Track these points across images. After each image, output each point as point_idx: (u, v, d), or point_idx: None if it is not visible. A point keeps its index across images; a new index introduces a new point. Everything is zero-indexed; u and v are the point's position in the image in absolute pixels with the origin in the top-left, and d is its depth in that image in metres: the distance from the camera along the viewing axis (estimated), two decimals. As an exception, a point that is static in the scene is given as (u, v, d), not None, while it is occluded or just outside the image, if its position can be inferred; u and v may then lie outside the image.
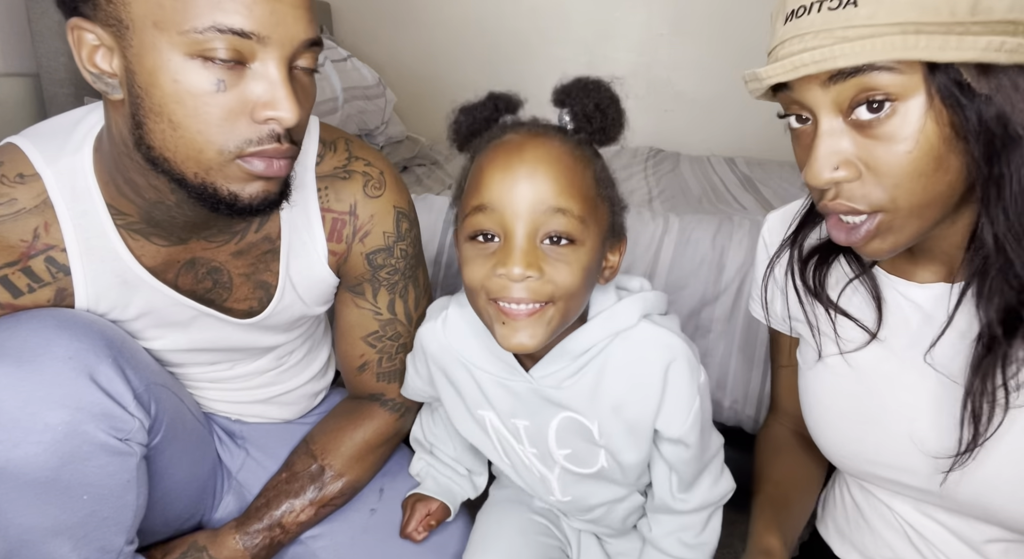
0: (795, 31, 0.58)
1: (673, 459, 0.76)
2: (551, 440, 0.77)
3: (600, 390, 0.73)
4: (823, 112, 0.59)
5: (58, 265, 0.75)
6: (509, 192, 0.64)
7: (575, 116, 0.69)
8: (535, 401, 0.76)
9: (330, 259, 0.88)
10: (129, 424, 0.71)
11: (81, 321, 0.72)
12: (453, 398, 0.84)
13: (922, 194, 0.58)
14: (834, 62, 0.54)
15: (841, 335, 0.75)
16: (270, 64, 0.64)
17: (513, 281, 0.64)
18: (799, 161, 0.64)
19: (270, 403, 1.00)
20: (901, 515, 0.77)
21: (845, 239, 0.62)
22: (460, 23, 2.65)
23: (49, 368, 0.66)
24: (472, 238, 0.67)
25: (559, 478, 0.81)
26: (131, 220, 0.76)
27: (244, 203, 0.69)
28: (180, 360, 0.88)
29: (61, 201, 0.74)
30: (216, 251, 0.82)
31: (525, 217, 0.64)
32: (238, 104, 0.64)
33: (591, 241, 0.67)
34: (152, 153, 0.66)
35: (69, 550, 0.71)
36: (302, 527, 0.91)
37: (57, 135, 0.76)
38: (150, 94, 0.64)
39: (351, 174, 0.87)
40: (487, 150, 0.68)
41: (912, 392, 0.71)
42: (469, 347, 0.78)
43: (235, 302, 0.85)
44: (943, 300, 0.68)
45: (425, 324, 0.84)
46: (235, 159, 0.66)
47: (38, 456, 0.65)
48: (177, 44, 0.61)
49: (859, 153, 0.58)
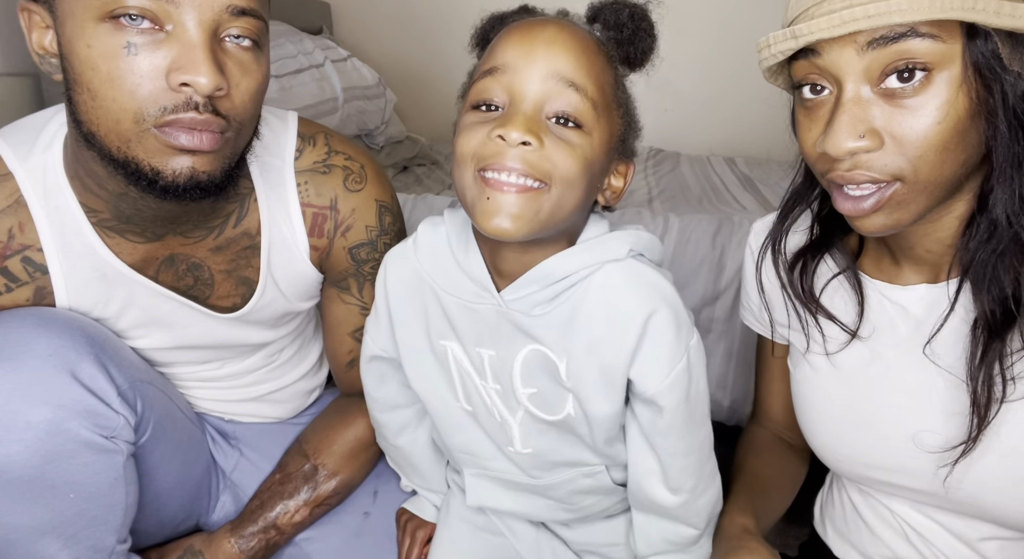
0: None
1: (648, 426, 0.68)
2: (516, 375, 0.69)
3: (574, 325, 0.66)
4: (851, 79, 0.57)
5: (35, 264, 0.74)
6: (524, 56, 0.59)
7: (606, 25, 0.65)
8: (503, 327, 0.68)
9: (312, 254, 0.87)
10: (114, 421, 0.70)
11: (62, 319, 0.71)
12: (414, 335, 0.75)
13: (940, 168, 0.57)
14: (890, 18, 0.52)
15: (826, 334, 0.75)
16: (186, 27, 0.61)
17: (509, 146, 0.57)
18: (805, 134, 0.62)
19: (262, 401, 1.00)
20: (899, 515, 0.77)
21: (852, 208, 0.61)
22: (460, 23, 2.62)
23: (29, 365, 0.66)
24: (475, 108, 0.62)
25: (521, 424, 0.72)
26: (103, 217, 0.75)
27: (167, 180, 0.65)
28: (168, 359, 0.87)
29: (35, 199, 0.73)
30: (194, 247, 0.81)
31: (537, 83, 0.59)
32: (151, 68, 0.61)
33: (599, 138, 0.62)
34: (82, 129, 0.65)
35: (58, 549, 0.70)
36: (297, 528, 0.91)
37: (29, 132, 0.75)
38: (71, 64, 0.63)
39: (331, 168, 0.86)
40: (506, 27, 0.64)
41: (903, 393, 0.71)
42: (439, 267, 0.71)
43: (218, 299, 0.85)
44: (926, 301, 0.68)
45: (393, 249, 0.77)
46: (152, 128, 0.63)
47: (20, 454, 0.65)
48: (89, 7, 0.60)
49: (884, 122, 0.57)
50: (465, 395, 0.75)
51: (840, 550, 0.85)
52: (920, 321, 0.69)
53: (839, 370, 0.75)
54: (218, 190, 0.69)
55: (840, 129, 0.57)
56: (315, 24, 2.42)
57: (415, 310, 0.74)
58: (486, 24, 0.71)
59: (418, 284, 0.73)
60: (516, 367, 0.69)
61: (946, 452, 0.66)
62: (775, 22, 0.64)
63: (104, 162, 0.67)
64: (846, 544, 0.84)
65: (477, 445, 0.78)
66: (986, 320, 0.61)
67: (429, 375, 0.76)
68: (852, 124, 0.57)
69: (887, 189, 0.59)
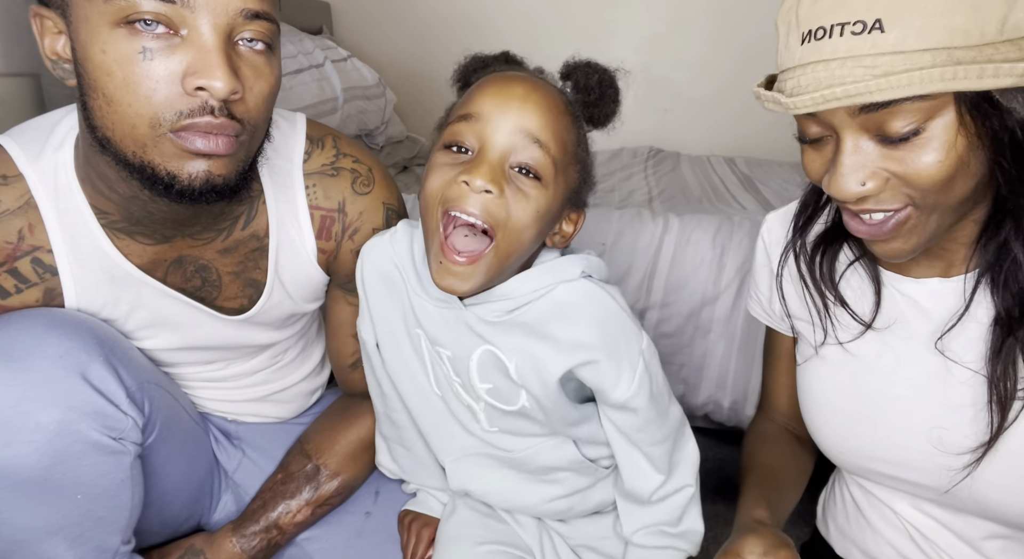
0: (816, 55, 0.56)
1: (625, 426, 0.75)
2: (473, 372, 0.75)
3: (529, 334, 0.72)
4: (848, 133, 0.58)
5: (44, 266, 0.74)
6: (497, 109, 0.65)
7: (576, 86, 0.72)
8: (460, 329, 0.74)
9: (319, 257, 0.87)
10: (122, 423, 0.71)
11: (72, 320, 0.71)
12: (391, 321, 0.80)
13: (948, 195, 0.58)
14: (870, 97, 0.53)
15: (842, 323, 0.75)
16: (201, 31, 0.62)
17: (473, 191, 0.64)
18: (812, 170, 0.63)
19: (265, 401, 1.00)
20: (901, 514, 0.77)
21: (868, 231, 0.62)
22: (460, 23, 2.64)
23: (40, 367, 0.66)
24: (446, 148, 0.67)
25: (484, 411, 0.79)
26: (113, 219, 0.75)
27: (183, 184, 0.65)
28: (174, 359, 0.88)
29: (45, 200, 0.73)
30: (203, 249, 0.81)
31: (505, 136, 0.65)
32: (166, 73, 0.62)
33: (554, 191, 0.68)
34: (97, 134, 0.65)
35: (64, 550, 0.71)
36: (299, 528, 0.91)
37: (40, 134, 0.75)
38: (86, 69, 0.63)
39: (339, 171, 0.86)
40: (484, 77, 0.70)
41: (910, 387, 0.71)
42: (410, 266, 0.77)
43: (225, 300, 0.85)
44: (939, 295, 0.68)
45: (370, 241, 0.83)
46: (168, 133, 0.63)
47: (30, 455, 0.65)
48: (104, 13, 0.60)
49: (886, 164, 0.58)
50: (435, 380, 0.80)
51: (842, 548, 0.86)
52: (931, 315, 0.69)
53: (848, 361, 0.76)
54: (232, 193, 0.69)
55: (843, 177, 0.58)
56: (315, 24, 2.42)
57: (393, 299, 0.80)
58: (468, 65, 0.76)
59: (393, 274, 0.79)
60: (472, 365, 0.75)
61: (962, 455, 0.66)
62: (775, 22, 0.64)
63: (118, 166, 0.67)
64: (848, 542, 0.85)
65: (447, 425, 0.83)
66: (1004, 317, 0.62)
67: (405, 359, 0.81)
68: (854, 171, 0.58)
69: (901, 213, 0.60)
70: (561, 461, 0.82)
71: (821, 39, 0.55)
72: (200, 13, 0.61)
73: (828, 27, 0.55)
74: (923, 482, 0.72)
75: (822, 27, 0.55)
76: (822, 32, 0.55)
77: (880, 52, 0.53)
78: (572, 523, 0.88)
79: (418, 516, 0.92)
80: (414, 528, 0.90)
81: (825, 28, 0.55)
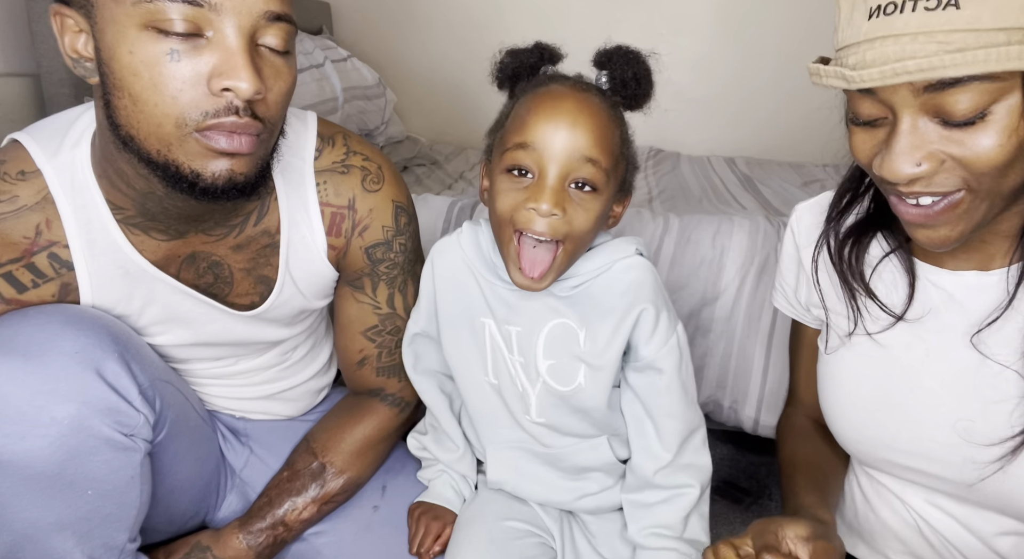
0: (886, 30, 0.54)
1: (646, 390, 0.82)
2: (539, 347, 0.83)
3: (594, 304, 0.81)
4: (907, 112, 0.57)
5: (61, 261, 0.75)
6: (551, 136, 0.72)
7: (613, 80, 0.77)
8: (534, 307, 0.83)
9: (329, 253, 0.88)
10: (134, 419, 0.71)
11: (87, 317, 0.72)
12: (455, 314, 0.88)
13: (1003, 182, 0.57)
14: (944, 72, 0.52)
15: (872, 314, 0.75)
16: (226, 34, 0.63)
17: (541, 216, 0.73)
18: (861, 147, 0.62)
19: (274, 399, 1.01)
20: (913, 507, 0.77)
21: (918, 213, 0.61)
22: (460, 23, 2.65)
23: (56, 362, 0.67)
24: (508, 171, 0.75)
25: (538, 395, 0.85)
26: (128, 214, 0.76)
27: (207, 182, 0.67)
28: (185, 356, 0.88)
29: (62, 196, 0.74)
30: (215, 245, 0.82)
31: (561, 161, 0.72)
32: (193, 74, 0.63)
33: (608, 192, 0.76)
34: (120, 132, 0.66)
35: (72, 545, 0.71)
36: (305, 524, 0.91)
37: (57, 131, 0.76)
38: (111, 69, 0.64)
39: (349, 169, 0.88)
40: (533, 95, 0.76)
41: (941, 380, 0.70)
42: (480, 258, 0.86)
43: (236, 297, 0.86)
44: (975, 288, 0.68)
45: (440, 241, 0.91)
46: (193, 133, 0.65)
47: (44, 450, 0.65)
48: (131, 15, 0.61)
49: (943, 146, 0.56)
50: (494, 368, 0.87)
51: (850, 544, 0.86)
52: (966, 308, 0.69)
53: (877, 352, 0.75)
54: (252, 190, 0.71)
55: (898, 156, 0.57)
56: (315, 24, 2.43)
57: (458, 292, 0.88)
58: (506, 63, 0.81)
59: (461, 270, 0.88)
60: (540, 340, 0.83)
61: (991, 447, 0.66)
62: (776, 22, 0.64)
63: (140, 164, 0.68)
64: (855, 537, 0.85)
65: (497, 415, 0.89)
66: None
67: (463, 350, 0.89)
68: (910, 151, 0.57)
69: (954, 196, 0.59)
70: (595, 462, 0.87)
71: (891, 14, 0.54)
72: (226, 16, 0.63)
73: (900, 2, 0.53)
74: (945, 475, 0.71)
75: (893, 2, 0.54)
76: (892, 7, 0.54)
77: (954, 28, 0.52)
78: (597, 515, 0.91)
79: (428, 508, 0.93)
80: (423, 521, 0.91)
81: (896, 3, 0.54)
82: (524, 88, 0.79)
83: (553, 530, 0.89)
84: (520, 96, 0.78)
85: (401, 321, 0.95)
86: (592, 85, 0.77)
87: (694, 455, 0.84)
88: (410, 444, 0.99)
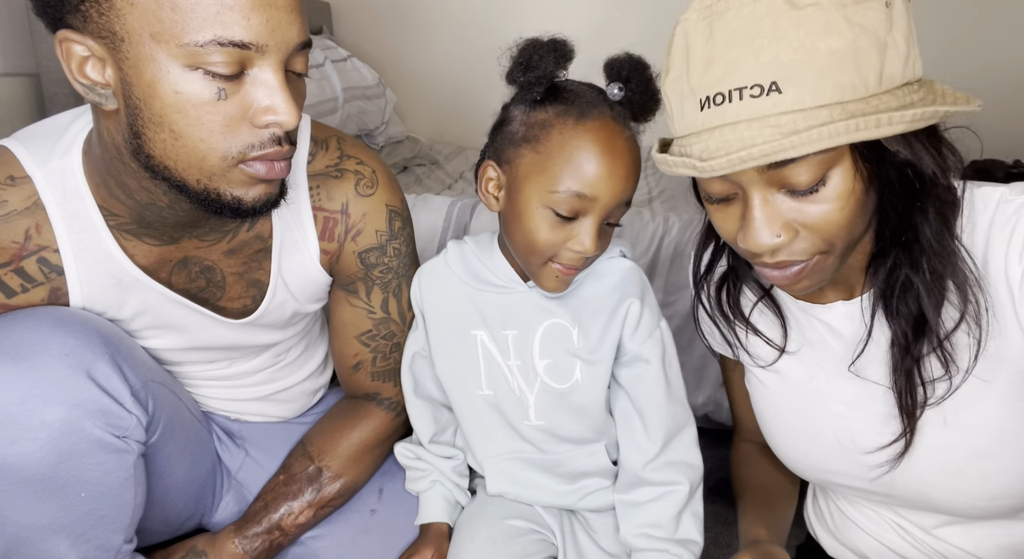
0: (721, 120, 0.58)
1: (633, 382, 0.84)
2: (535, 348, 0.85)
3: (584, 303, 0.85)
4: (756, 189, 0.61)
5: (51, 266, 0.75)
6: (604, 188, 0.74)
7: (629, 94, 0.77)
8: (527, 309, 0.86)
9: (322, 258, 0.88)
10: (126, 421, 0.71)
11: (77, 319, 0.72)
12: (445, 332, 0.90)
13: (851, 235, 0.62)
14: (784, 154, 0.55)
15: (756, 353, 0.80)
16: (268, 70, 0.64)
17: (580, 255, 0.77)
18: (723, 225, 0.66)
19: (268, 400, 1.00)
20: (877, 511, 0.80)
21: (780, 277, 0.65)
22: (460, 23, 2.65)
23: (46, 365, 0.66)
24: (556, 213, 0.76)
25: (537, 396, 0.86)
26: (122, 221, 0.75)
27: (248, 206, 0.70)
28: (178, 359, 0.88)
29: (53, 203, 0.73)
30: (208, 250, 0.82)
31: (608, 209, 0.76)
32: (238, 111, 0.64)
33: None
34: (152, 162, 0.66)
35: (67, 548, 0.71)
36: (301, 529, 0.91)
37: (47, 137, 0.75)
38: (149, 105, 0.63)
39: (343, 173, 0.87)
40: (582, 135, 0.74)
41: (843, 403, 0.75)
42: (469, 271, 0.88)
43: (228, 301, 0.85)
44: (845, 316, 0.73)
45: (425, 264, 0.93)
46: (238, 164, 0.66)
47: (35, 453, 0.65)
48: (176, 56, 0.61)
49: (795, 216, 0.61)
50: (487, 379, 0.88)
51: (833, 549, 0.87)
52: (843, 335, 0.74)
53: (785, 384, 0.79)
54: (278, 203, 0.74)
55: (757, 230, 0.61)
56: (315, 24, 2.43)
57: (448, 310, 0.89)
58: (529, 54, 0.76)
59: (449, 288, 0.89)
60: (536, 341, 0.85)
61: (878, 451, 0.71)
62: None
63: (171, 190, 0.68)
64: (837, 543, 0.86)
65: (493, 430, 0.90)
66: (899, 339, 0.67)
67: (455, 366, 0.90)
68: (767, 224, 0.61)
69: (808, 261, 0.63)
70: (592, 467, 0.89)
71: (721, 104, 0.58)
72: (269, 53, 0.64)
73: (727, 92, 0.57)
74: (872, 489, 0.75)
75: (720, 93, 0.58)
76: (721, 98, 0.58)
77: (782, 111, 0.56)
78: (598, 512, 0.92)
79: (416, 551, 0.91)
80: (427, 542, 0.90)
81: (724, 94, 0.57)
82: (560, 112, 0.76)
83: (554, 527, 0.89)
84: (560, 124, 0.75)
85: (396, 325, 0.94)
86: (618, 112, 0.76)
87: (684, 453, 0.84)
88: (399, 453, 0.97)
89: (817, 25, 0.55)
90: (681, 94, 0.61)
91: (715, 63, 0.58)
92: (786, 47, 0.55)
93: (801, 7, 0.55)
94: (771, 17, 0.56)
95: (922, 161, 0.59)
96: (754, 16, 0.56)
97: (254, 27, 0.61)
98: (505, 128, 0.80)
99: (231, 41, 0.61)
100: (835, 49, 0.55)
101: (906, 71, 0.57)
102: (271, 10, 0.62)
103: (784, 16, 0.55)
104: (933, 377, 0.67)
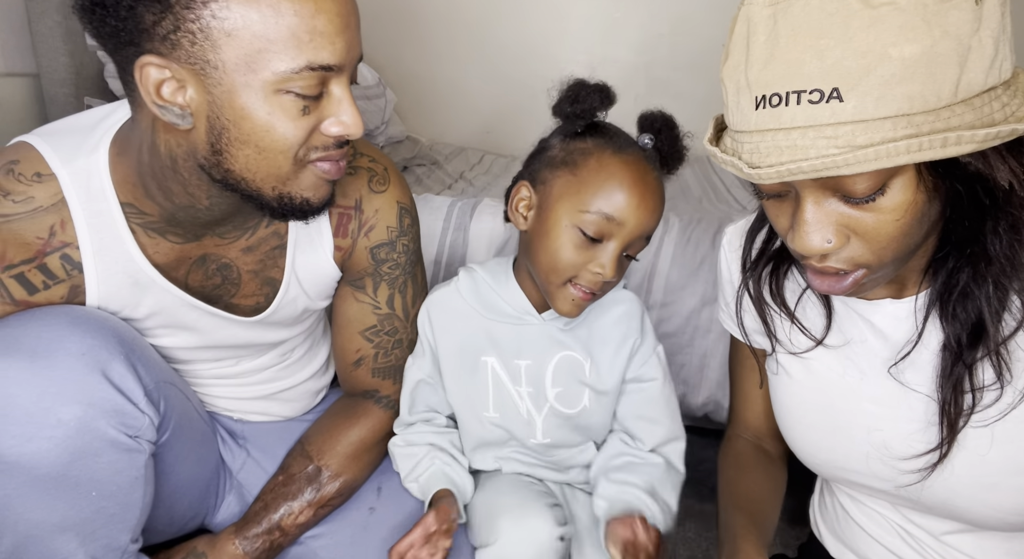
0: (775, 123, 0.55)
1: (639, 399, 0.91)
2: (548, 378, 0.90)
3: (592, 334, 0.91)
4: (809, 193, 0.58)
5: (73, 262, 0.75)
6: (632, 215, 0.79)
7: (658, 145, 0.83)
8: (541, 341, 0.90)
9: (335, 254, 0.89)
10: (140, 421, 0.71)
11: (94, 318, 0.72)
12: (455, 357, 0.92)
13: (906, 248, 0.59)
14: (837, 171, 0.52)
15: (792, 339, 0.77)
16: (341, 86, 0.69)
17: (604, 281, 0.81)
18: (775, 220, 0.64)
19: (272, 399, 1.01)
20: (886, 516, 0.79)
21: (828, 289, 0.63)
22: (460, 23, 2.65)
23: (63, 364, 0.67)
24: (584, 233, 0.80)
25: (545, 419, 0.91)
26: (150, 219, 0.77)
27: (315, 206, 0.74)
28: (187, 357, 0.88)
29: (76, 201, 0.74)
30: (228, 247, 0.83)
31: (632, 238, 0.80)
32: (316, 122, 0.69)
33: None
34: (231, 176, 0.69)
35: (76, 546, 0.71)
36: (301, 528, 0.91)
37: (73, 136, 0.76)
38: (239, 126, 0.66)
39: (356, 170, 0.89)
40: (615, 163, 0.80)
41: (877, 402, 0.72)
42: (482, 300, 0.91)
43: (242, 298, 0.86)
44: (892, 315, 0.70)
45: (435, 292, 0.95)
46: (306, 166, 0.71)
47: (50, 451, 0.66)
48: (271, 82, 0.65)
49: (847, 222, 0.58)
50: (495, 403, 0.92)
51: (836, 550, 0.87)
52: (887, 336, 0.71)
53: (813, 377, 0.77)
54: (334, 200, 0.78)
55: (806, 234, 0.59)
56: (315, 24, 2.42)
57: (458, 337, 0.92)
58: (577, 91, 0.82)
59: (460, 316, 0.92)
60: (549, 371, 0.90)
61: (913, 458, 0.69)
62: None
63: (245, 199, 0.72)
64: (841, 544, 0.86)
65: (499, 444, 0.94)
66: (953, 344, 0.64)
67: (466, 391, 0.93)
68: (817, 229, 0.58)
69: (857, 273, 0.61)
70: (582, 461, 0.96)
71: (777, 106, 0.54)
72: (345, 71, 0.69)
73: (784, 94, 0.54)
74: (894, 492, 0.74)
75: (777, 94, 0.54)
76: (777, 99, 0.54)
77: (840, 121, 0.52)
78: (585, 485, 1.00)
79: None
80: None
81: (780, 95, 0.54)
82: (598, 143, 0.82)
83: (555, 490, 0.96)
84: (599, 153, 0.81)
85: (399, 322, 0.95)
86: (650, 155, 0.83)
87: (672, 457, 0.91)
88: (393, 445, 0.96)
89: (891, 27, 0.50)
90: (738, 86, 0.58)
91: (775, 60, 0.54)
92: (854, 51, 0.50)
93: (876, 6, 0.50)
94: (841, 14, 0.51)
95: (997, 174, 0.54)
96: (823, 12, 0.52)
97: (338, 50, 0.66)
98: (544, 154, 0.85)
99: (320, 65, 0.65)
100: (908, 56, 0.49)
101: (989, 76, 0.52)
102: (348, 32, 0.67)
103: (856, 15, 0.51)
104: (984, 384, 0.63)
